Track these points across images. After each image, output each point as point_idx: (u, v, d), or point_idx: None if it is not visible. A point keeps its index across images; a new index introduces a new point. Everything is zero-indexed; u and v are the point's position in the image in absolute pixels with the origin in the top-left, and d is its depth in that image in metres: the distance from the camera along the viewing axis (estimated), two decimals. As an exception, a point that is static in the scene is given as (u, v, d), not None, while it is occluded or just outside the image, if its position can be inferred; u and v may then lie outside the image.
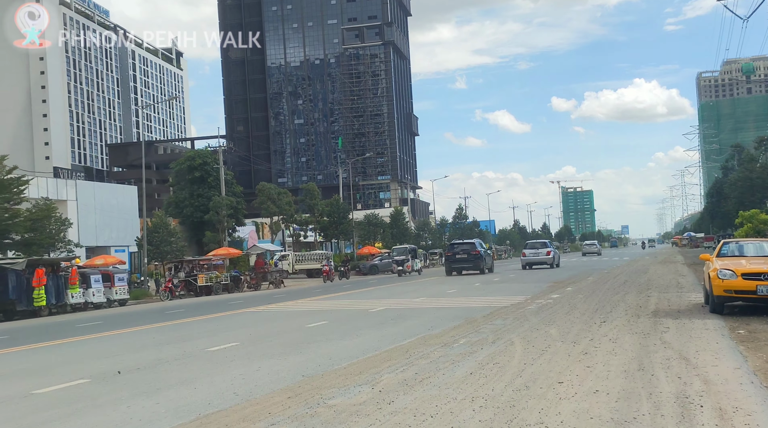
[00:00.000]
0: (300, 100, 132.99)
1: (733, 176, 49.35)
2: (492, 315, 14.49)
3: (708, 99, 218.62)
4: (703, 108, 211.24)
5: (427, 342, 10.81)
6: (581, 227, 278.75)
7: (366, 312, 17.14)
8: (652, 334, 10.56)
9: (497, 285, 25.66)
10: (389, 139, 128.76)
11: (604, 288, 20.74)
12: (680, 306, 14.80)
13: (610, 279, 26.01)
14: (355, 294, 25.16)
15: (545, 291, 21.15)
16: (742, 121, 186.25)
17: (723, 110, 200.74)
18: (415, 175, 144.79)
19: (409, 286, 29.00)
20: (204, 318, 18.58)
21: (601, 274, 29.91)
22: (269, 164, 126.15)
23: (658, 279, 24.93)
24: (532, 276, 31.63)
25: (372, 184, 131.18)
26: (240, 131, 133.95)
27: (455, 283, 28.63)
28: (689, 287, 20.26)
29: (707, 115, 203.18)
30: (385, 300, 21.20)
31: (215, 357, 10.34)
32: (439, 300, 19.99)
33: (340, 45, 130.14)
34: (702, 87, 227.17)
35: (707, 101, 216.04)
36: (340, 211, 58.17)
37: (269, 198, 59.64)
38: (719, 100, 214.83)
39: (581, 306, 15.67)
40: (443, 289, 24.63)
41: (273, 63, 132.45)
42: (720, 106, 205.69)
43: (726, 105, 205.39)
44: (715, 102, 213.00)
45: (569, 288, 21.78)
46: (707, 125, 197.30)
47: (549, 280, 26.55)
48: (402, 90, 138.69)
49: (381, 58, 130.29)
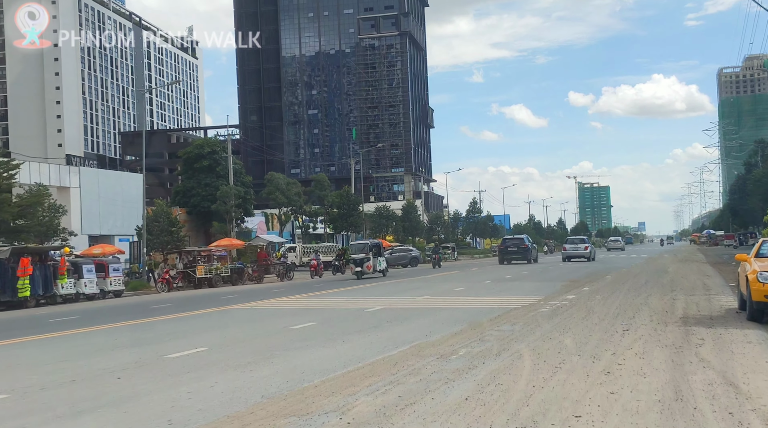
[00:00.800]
0: (314, 90, 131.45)
1: (757, 172, 47.33)
2: (499, 319, 12.94)
3: (729, 95, 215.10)
4: (724, 104, 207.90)
5: (421, 352, 9.29)
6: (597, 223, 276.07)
7: (361, 313, 15.64)
8: (685, 348, 8.97)
9: (509, 284, 24.07)
10: (404, 130, 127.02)
11: (623, 289, 19.12)
12: (711, 312, 13.18)
13: (629, 278, 24.35)
14: (356, 291, 23.68)
15: (560, 291, 19.56)
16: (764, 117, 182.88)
17: (744, 107, 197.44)
18: (430, 168, 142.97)
19: (414, 283, 27.46)
20: (186, 315, 17.15)
21: (619, 273, 28.23)
22: (282, 155, 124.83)
23: (681, 279, 23.24)
24: (546, 274, 29.99)
25: (386, 176, 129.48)
26: (253, 121, 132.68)
27: (464, 281, 27.07)
28: (717, 289, 18.60)
29: (728, 112, 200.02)
30: (385, 298, 19.71)
31: (170, 367, 8.86)
32: (444, 300, 18.46)
33: (356, 35, 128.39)
34: (723, 83, 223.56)
35: (728, 97, 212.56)
36: (351, 202, 56.64)
37: (278, 188, 58.29)
38: (740, 96, 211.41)
39: (599, 309, 14.08)
40: (450, 287, 23.07)
41: (288, 53, 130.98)
42: (741, 103, 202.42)
43: (747, 101, 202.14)
44: (736, 98, 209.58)
45: (586, 288, 20.17)
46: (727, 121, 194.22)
47: (564, 279, 24.91)
48: (418, 81, 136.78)
49: (397, 49, 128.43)
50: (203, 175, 58.02)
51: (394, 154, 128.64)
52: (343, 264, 39.32)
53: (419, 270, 42.02)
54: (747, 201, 56.06)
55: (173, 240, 40.41)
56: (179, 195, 60.00)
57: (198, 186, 57.85)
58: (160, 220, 40.22)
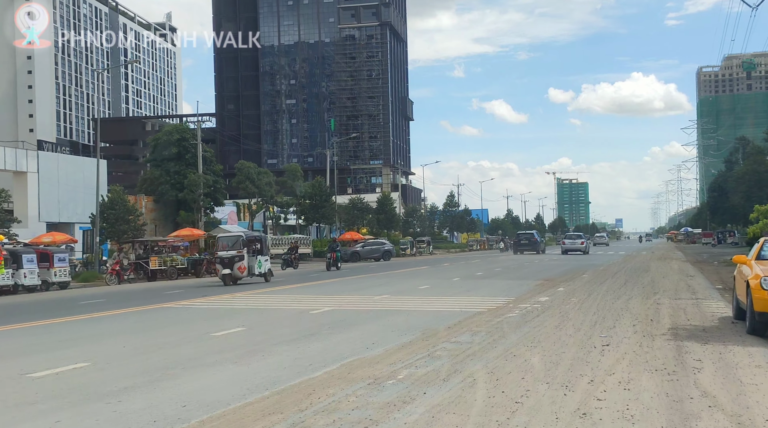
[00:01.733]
0: (293, 79, 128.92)
1: (739, 170, 46.03)
2: (459, 327, 11.11)
3: (708, 94, 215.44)
4: (703, 103, 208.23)
5: (351, 373, 7.42)
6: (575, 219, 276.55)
7: (304, 315, 13.74)
8: (680, 374, 7.17)
9: (479, 282, 22.29)
10: (383, 122, 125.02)
11: (601, 291, 17.39)
12: (703, 322, 11.43)
13: (608, 278, 22.66)
14: (311, 288, 21.75)
15: (533, 291, 17.80)
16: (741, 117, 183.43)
17: (722, 106, 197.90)
18: (409, 161, 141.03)
19: (377, 279, 25.54)
20: (107, 314, 15.12)
21: (597, 272, 26.55)
22: (259, 144, 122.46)
23: (663, 279, 21.58)
24: (520, 271, 28.26)
25: (364, 169, 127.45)
26: (230, 109, 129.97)
27: (431, 277, 25.24)
28: (703, 292, 16.91)
29: (706, 110, 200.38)
30: (339, 297, 17.83)
31: (13, 397, 6.84)
32: (404, 300, 16.59)
33: (336, 24, 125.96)
34: (702, 82, 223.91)
35: (707, 96, 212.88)
36: (322, 193, 54.59)
37: (248, 177, 56.18)
38: (719, 95, 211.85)
39: (575, 315, 12.30)
40: (415, 285, 21.23)
41: (266, 41, 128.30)
42: (719, 102, 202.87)
43: (725, 101, 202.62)
44: (715, 97, 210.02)
45: (561, 288, 18.42)
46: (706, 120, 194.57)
47: (538, 277, 23.16)
48: (398, 73, 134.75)
49: (377, 40, 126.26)
50: (172, 163, 55.94)
51: (372, 146, 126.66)
52: (295, 258, 37.30)
53: (390, 265, 40.15)
54: (728, 198, 54.86)
55: (131, 229, 38.29)
56: (146, 182, 57.92)
57: (166, 173, 55.80)
58: (116, 208, 38.05)
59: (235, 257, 25.11)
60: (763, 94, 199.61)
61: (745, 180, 41.50)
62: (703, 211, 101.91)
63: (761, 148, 45.39)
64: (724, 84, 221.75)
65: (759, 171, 40.58)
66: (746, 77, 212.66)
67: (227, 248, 25.82)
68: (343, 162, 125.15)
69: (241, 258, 25.16)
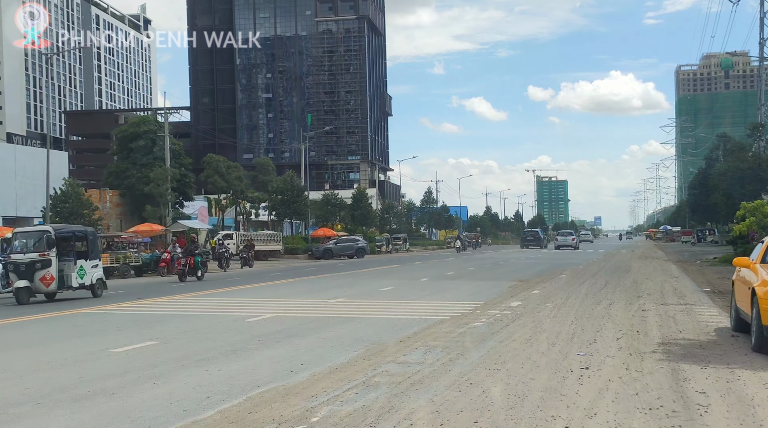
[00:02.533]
0: (269, 73, 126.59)
1: (720, 166, 44.78)
2: (414, 340, 9.38)
3: (686, 92, 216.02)
4: (681, 101, 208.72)
5: (251, 414, 5.64)
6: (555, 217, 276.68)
7: (237, 323, 11.89)
8: (682, 415, 5.44)
9: (448, 283, 20.58)
10: (361, 117, 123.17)
11: (580, 294, 15.75)
12: (697, 334, 9.76)
13: (587, 278, 21.07)
14: (264, 289, 19.88)
15: (505, 294, 16.12)
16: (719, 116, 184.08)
17: (701, 104, 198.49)
18: (387, 157, 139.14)
19: (340, 279, 23.69)
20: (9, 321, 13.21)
21: (575, 271, 24.96)
22: (235, 139, 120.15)
23: (646, 281, 20.01)
24: (494, 271, 26.61)
25: (341, 164, 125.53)
26: (205, 103, 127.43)
27: (398, 277, 23.49)
28: (691, 296, 15.33)
29: (685, 109, 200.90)
30: (289, 300, 16.03)
31: None
32: (360, 305, 14.81)
33: (313, 17, 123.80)
34: (681, 80, 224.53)
35: (685, 95, 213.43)
36: (294, 188, 52.64)
37: (217, 171, 54.16)
38: (697, 94, 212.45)
39: (549, 325, 10.60)
40: (378, 286, 19.44)
41: (242, 34, 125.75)
42: (698, 101, 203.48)
43: (704, 99, 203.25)
44: (693, 96, 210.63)
45: (536, 290, 16.76)
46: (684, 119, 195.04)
47: (513, 278, 21.49)
48: (376, 68, 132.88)
49: (355, 33, 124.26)
50: (139, 155, 54.12)
51: (350, 142, 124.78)
52: (251, 256, 35.44)
53: (361, 263, 38.37)
54: (709, 196, 53.71)
55: (85, 223, 36.20)
56: (112, 176, 55.94)
57: (133, 166, 53.96)
58: (69, 201, 35.95)
59: (36, 263, 17.38)
60: (740, 93, 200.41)
61: (727, 177, 40.17)
62: (682, 209, 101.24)
63: (743, 145, 44.14)
64: (702, 83, 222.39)
65: (741, 168, 39.27)
66: (724, 76, 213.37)
67: (25, 250, 18.14)
68: (320, 157, 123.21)
69: (46, 265, 17.40)
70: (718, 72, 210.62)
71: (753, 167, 39.33)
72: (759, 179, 39.49)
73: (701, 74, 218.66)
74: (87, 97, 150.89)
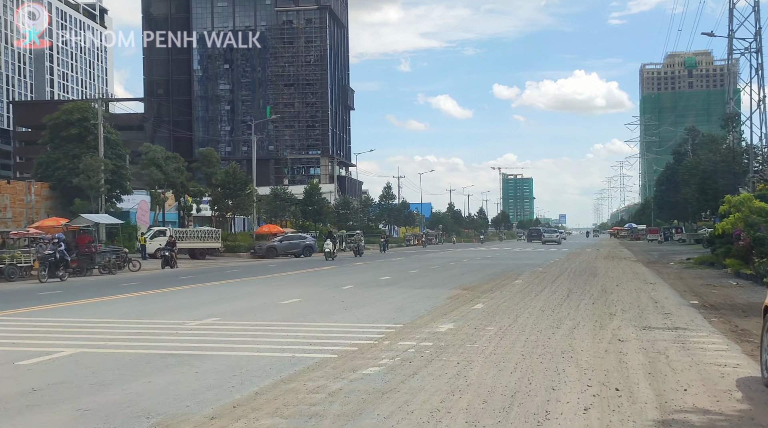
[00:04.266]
0: (227, 64, 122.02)
1: (692, 160, 42.04)
2: (238, 413, 5.82)
3: (650, 91, 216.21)
4: (645, 100, 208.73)
5: None
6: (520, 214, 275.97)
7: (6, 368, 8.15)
8: None
9: (375, 292, 16.98)
10: (321, 110, 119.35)
11: (535, 310, 12.35)
12: (712, 392, 6.33)
13: (546, 285, 17.76)
14: (120, 304, 15.34)
15: (437, 310, 12.62)
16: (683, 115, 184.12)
17: (664, 103, 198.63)
18: (349, 152, 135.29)
19: (246, 287, 19.63)
20: None
21: (534, 274, 21.66)
22: (191, 132, 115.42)
23: (617, 289, 16.78)
24: (440, 274, 23.13)
25: (301, 159, 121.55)
26: (160, 94, 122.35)
27: (319, 283, 19.90)
28: (678, 312, 12.06)
29: (649, 107, 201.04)
30: (133, 322, 11.96)
31: None
32: (229, 329, 11.04)
33: (273, 7, 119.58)
34: (645, 79, 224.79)
35: (649, 93, 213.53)
36: (237, 181, 48.71)
37: (153, 162, 50.05)
38: (661, 92, 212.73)
39: (479, 375, 7.09)
40: (280, 297, 15.44)
41: (199, 23, 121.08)
42: (662, 99, 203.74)
43: (668, 98, 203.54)
44: (657, 94, 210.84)
45: (479, 303, 13.31)
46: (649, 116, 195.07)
47: (458, 283, 18.06)
48: (338, 60, 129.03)
49: (316, 24, 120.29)
50: (71, 145, 50.25)
51: (310, 135, 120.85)
52: (174, 256, 31.62)
53: (304, 262, 34.73)
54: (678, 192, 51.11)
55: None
56: (42, 167, 51.83)
57: (64, 157, 50.02)
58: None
59: None
60: (703, 92, 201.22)
61: (699, 171, 37.37)
62: (647, 207, 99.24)
63: (715, 137, 41.48)
64: (666, 81, 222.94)
65: (714, 160, 36.51)
66: (687, 75, 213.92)
67: None
68: (280, 151, 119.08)
69: None
70: (682, 71, 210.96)
71: (727, 160, 36.62)
72: (733, 173, 36.83)
73: (665, 73, 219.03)
74: (38, 88, 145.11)
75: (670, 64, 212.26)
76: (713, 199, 37.46)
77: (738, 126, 36.92)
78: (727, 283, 17.05)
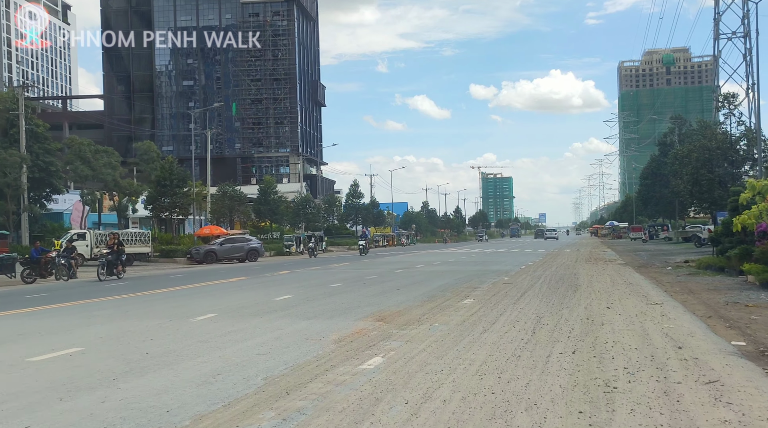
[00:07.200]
0: (191, 58, 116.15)
1: (682, 149, 37.32)
2: None
3: (629, 88, 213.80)
4: (624, 97, 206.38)
5: None
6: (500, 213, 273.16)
7: None
8: None
9: (235, 327, 11.77)
10: (290, 107, 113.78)
11: (470, 372, 7.11)
12: None
13: (507, 307, 12.61)
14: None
15: (287, 377, 7.45)
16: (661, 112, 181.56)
17: (642, 100, 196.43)
18: (320, 150, 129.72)
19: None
20: None
21: (494, 288, 16.46)
22: (153, 130, 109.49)
23: (609, 312, 11.73)
24: (363, 290, 17.67)
25: (269, 157, 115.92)
26: (120, 91, 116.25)
27: (175, 305, 14.60)
28: (725, 373, 6.87)
29: (627, 104, 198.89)
30: None
31: None
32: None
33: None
34: (623, 76, 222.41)
35: (628, 90, 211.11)
36: (174, 177, 43.27)
37: (79, 156, 44.53)
38: (639, 89, 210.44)
39: None
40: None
41: (161, 16, 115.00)
42: (640, 96, 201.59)
43: (646, 95, 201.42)
44: (636, 92, 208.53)
45: (378, 357, 7.72)
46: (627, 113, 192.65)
47: (375, 308, 12.65)
48: (308, 55, 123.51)
49: (284, 17, 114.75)
50: (-8, 139, 44.59)
51: (279, 133, 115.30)
52: (76, 263, 26.21)
53: (236, 269, 29.31)
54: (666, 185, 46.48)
55: None
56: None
57: (-18, 152, 44.26)
58: None
59: None
60: (681, 89, 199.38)
61: (692, 159, 32.57)
62: (628, 204, 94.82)
63: (707, 123, 36.82)
64: (644, 78, 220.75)
65: (710, 147, 31.74)
66: (665, 72, 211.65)
67: None
68: (247, 150, 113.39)
69: None
70: (660, 68, 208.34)
71: (723, 147, 31.89)
72: (730, 161, 32.13)
73: (643, 70, 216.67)
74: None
75: (648, 62, 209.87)
76: (708, 191, 32.75)
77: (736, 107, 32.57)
78: (762, 301, 12.08)
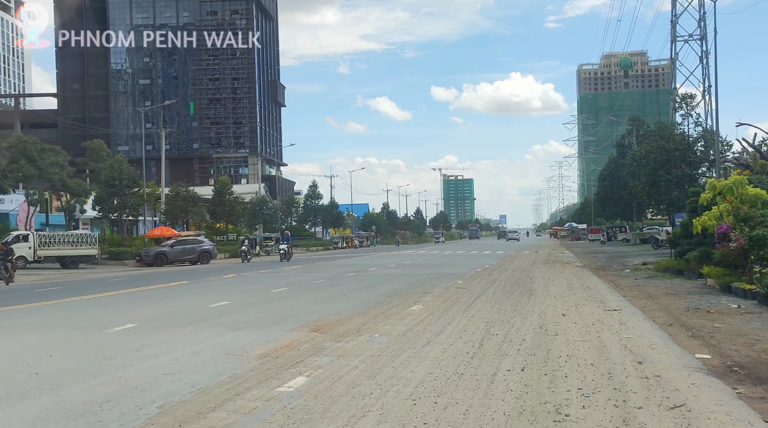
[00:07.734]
0: (147, 57, 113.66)
1: (640, 150, 37.18)
2: None
3: (588, 91, 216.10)
4: (583, 100, 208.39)
5: None
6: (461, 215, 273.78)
7: None
8: None
9: (151, 341, 10.71)
10: (249, 106, 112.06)
11: (403, 395, 6.30)
12: None
13: (456, 314, 11.79)
14: None
15: (188, 405, 6.54)
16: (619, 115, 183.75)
17: (601, 103, 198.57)
18: (280, 151, 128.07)
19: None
20: None
21: (447, 292, 15.65)
22: (107, 129, 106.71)
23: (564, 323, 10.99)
24: (306, 296, 16.72)
25: (227, 157, 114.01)
26: (75, 89, 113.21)
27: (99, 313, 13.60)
28: (691, 395, 6.18)
29: (586, 107, 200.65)
30: None
31: None
32: None
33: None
34: (582, 79, 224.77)
35: (586, 93, 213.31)
36: (123, 177, 41.76)
37: (24, 154, 42.71)
38: (598, 92, 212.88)
39: None
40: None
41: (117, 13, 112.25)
42: (598, 99, 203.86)
43: (604, 98, 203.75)
44: (594, 94, 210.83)
45: (302, 377, 6.72)
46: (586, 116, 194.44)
47: (314, 317, 11.74)
48: (268, 54, 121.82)
49: (243, 15, 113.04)
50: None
51: (238, 133, 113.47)
52: (12, 267, 24.82)
53: (186, 273, 28.10)
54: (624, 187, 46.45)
55: None
56: None
57: None
58: None
59: None
60: (639, 92, 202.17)
61: (649, 160, 32.36)
62: (587, 206, 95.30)
63: (665, 124, 36.78)
64: (602, 82, 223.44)
65: (667, 148, 31.53)
66: (624, 75, 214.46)
67: None
68: (205, 150, 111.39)
69: None
70: (618, 71, 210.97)
71: (681, 148, 31.72)
72: (688, 162, 31.98)
73: (602, 73, 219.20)
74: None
75: (607, 65, 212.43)
76: (666, 192, 32.58)
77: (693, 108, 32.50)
78: (724, 306, 11.44)
